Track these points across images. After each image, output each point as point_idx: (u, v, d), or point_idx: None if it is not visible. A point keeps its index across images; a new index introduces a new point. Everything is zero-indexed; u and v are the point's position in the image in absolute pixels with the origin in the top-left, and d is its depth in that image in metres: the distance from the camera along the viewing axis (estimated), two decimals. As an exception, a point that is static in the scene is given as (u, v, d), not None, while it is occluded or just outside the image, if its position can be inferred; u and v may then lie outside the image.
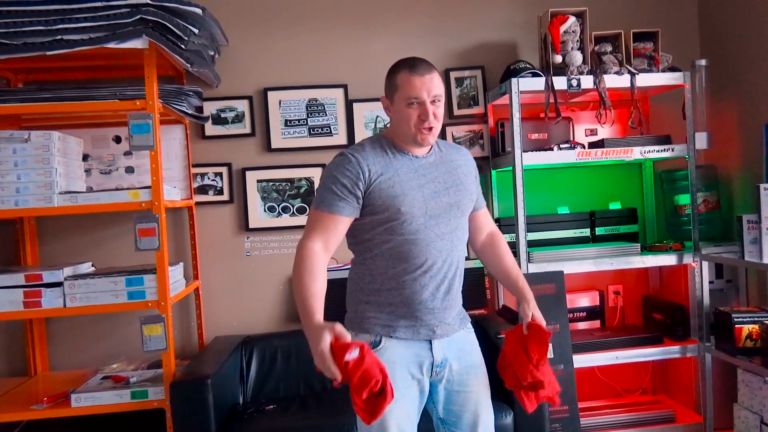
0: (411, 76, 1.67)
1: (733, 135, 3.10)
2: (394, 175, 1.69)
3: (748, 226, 2.63)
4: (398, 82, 1.69)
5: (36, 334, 2.97)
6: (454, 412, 1.78)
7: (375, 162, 1.69)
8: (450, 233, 1.73)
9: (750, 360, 2.59)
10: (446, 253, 1.72)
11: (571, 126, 3.22)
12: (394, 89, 1.71)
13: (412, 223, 1.68)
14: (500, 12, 3.27)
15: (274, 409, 2.69)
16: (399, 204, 1.67)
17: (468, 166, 1.85)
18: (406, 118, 1.68)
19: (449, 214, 1.74)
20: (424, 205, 1.70)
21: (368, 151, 1.72)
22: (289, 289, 3.17)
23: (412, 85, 1.66)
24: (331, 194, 1.66)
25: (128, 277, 2.49)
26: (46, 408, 2.50)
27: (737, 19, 3.06)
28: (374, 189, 1.67)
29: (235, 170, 3.16)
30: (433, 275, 1.71)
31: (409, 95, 1.67)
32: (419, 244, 1.69)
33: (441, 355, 1.74)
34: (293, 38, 3.18)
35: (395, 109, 1.72)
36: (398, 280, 1.71)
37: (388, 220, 1.68)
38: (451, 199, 1.74)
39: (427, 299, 1.71)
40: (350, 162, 1.68)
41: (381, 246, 1.71)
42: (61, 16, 2.33)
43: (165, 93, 2.66)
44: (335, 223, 1.67)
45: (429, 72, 1.68)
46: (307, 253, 1.62)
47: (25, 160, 2.44)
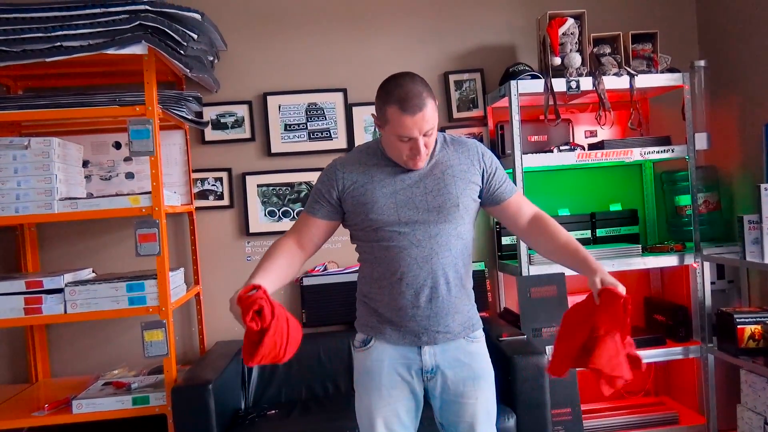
0: (402, 116, 1.58)
1: (733, 135, 3.10)
2: (367, 183, 1.70)
3: (749, 227, 2.62)
4: (388, 116, 1.61)
5: (37, 340, 2.97)
6: (450, 420, 1.76)
7: (353, 170, 1.72)
8: (428, 240, 1.67)
9: (753, 360, 2.59)
10: (423, 261, 1.67)
11: (571, 128, 3.22)
12: (384, 120, 1.64)
13: (384, 230, 1.68)
14: (499, 15, 3.28)
15: (275, 414, 2.68)
16: (368, 211, 1.68)
17: (466, 164, 1.73)
18: (397, 149, 1.66)
19: (426, 220, 1.68)
20: (396, 213, 1.67)
21: (352, 159, 1.75)
22: (290, 294, 3.16)
23: (402, 125, 1.59)
24: (311, 199, 1.77)
25: (129, 282, 2.49)
26: (48, 414, 2.49)
27: (736, 20, 3.07)
28: (348, 197, 1.71)
29: (235, 175, 3.16)
30: (409, 282, 1.68)
31: (399, 133, 1.61)
32: (392, 251, 1.69)
33: (431, 362, 1.72)
34: (292, 43, 3.19)
35: (385, 136, 1.67)
36: (379, 285, 1.73)
37: (362, 227, 1.72)
38: (429, 205, 1.68)
39: (407, 306, 1.69)
40: (328, 171, 1.76)
41: (364, 252, 1.77)
42: (61, 23, 2.33)
43: (164, 98, 2.67)
44: (308, 223, 1.75)
45: (420, 109, 1.58)
46: (276, 243, 1.73)
47: (25, 166, 2.44)
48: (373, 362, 1.72)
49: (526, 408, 2.49)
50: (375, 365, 1.71)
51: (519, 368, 2.48)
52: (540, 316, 2.82)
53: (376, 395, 1.71)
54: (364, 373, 1.75)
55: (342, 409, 2.67)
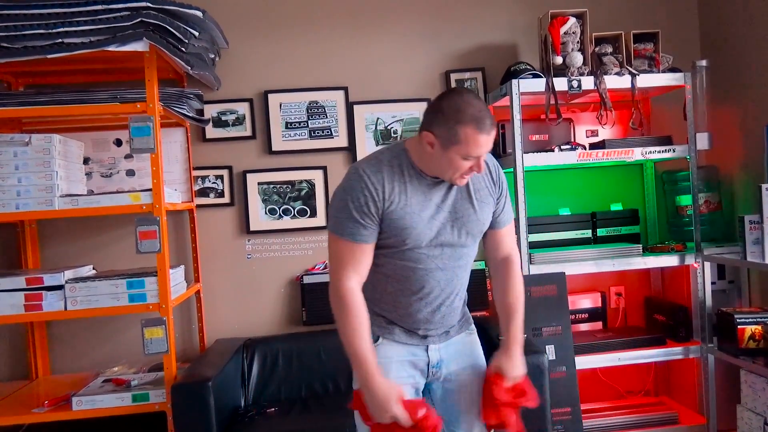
0: (478, 135, 1.53)
1: (734, 135, 3.09)
2: (406, 205, 1.61)
3: (750, 227, 2.62)
4: (462, 136, 1.53)
5: (37, 337, 2.97)
6: (450, 408, 1.78)
7: (390, 186, 1.60)
8: (453, 263, 1.69)
9: (753, 361, 2.59)
10: (445, 283, 1.70)
11: (572, 127, 3.22)
12: (452, 140, 1.54)
13: (414, 252, 1.65)
14: (500, 14, 3.27)
15: (275, 412, 2.69)
16: (406, 236, 1.62)
17: (489, 185, 1.73)
18: (455, 167, 1.58)
19: (456, 243, 1.68)
20: (430, 239, 1.64)
21: (385, 172, 1.61)
22: (290, 292, 3.16)
23: (477, 144, 1.54)
24: (354, 222, 1.59)
25: (129, 279, 2.48)
26: (48, 411, 2.49)
27: (738, 20, 3.06)
28: (386, 217, 1.60)
29: (235, 173, 3.16)
30: (429, 302, 1.70)
31: (469, 153, 1.55)
32: (418, 272, 1.67)
33: (437, 357, 1.76)
34: (294, 41, 3.19)
35: (443, 155, 1.57)
36: (395, 299, 1.71)
37: (392, 246, 1.65)
38: (460, 231, 1.67)
39: (421, 320, 1.72)
40: (368, 185, 1.59)
41: (383, 265, 1.69)
42: (62, 19, 2.33)
43: (165, 96, 2.67)
44: (363, 252, 1.61)
45: (493, 128, 1.55)
46: (346, 294, 1.59)
47: (26, 163, 2.44)
48: (381, 360, 1.68)
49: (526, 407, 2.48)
50: (383, 362, 1.68)
51: (519, 367, 2.47)
52: (540, 315, 2.82)
53: None
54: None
55: (341, 407, 2.66)
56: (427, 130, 1.58)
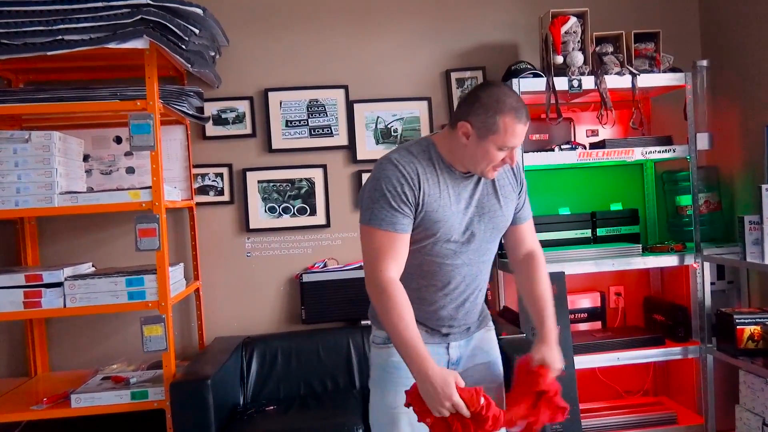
0: (516, 124, 1.54)
1: (734, 136, 3.09)
2: (439, 197, 1.60)
3: (749, 227, 2.62)
4: (500, 125, 1.54)
5: (36, 334, 2.97)
6: None
7: (424, 176, 1.59)
8: (478, 258, 1.69)
9: (752, 361, 2.59)
10: (470, 278, 1.70)
11: (572, 127, 3.22)
12: (490, 130, 1.55)
13: (443, 247, 1.64)
14: (501, 13, 3.27)
15: (274, 410, 2.69)
16: (437, 229, 1.61)
17: (511, 181, 1.74)
18: (490, 158, 1.58)
19: (483, 238, 1.68)
20: (460, 234, 1.64)
21: (417, 162, 1.60)
22: (289, 290, 3.16)
23: (515, 134, 1.55)
24: (392, 211, 1.56)
25: (128, 277, 2.48)
26: (46, 408, 2.49)
27: (739, 20, 3.06)
28: (422, 208, 1.59)
29: (235, 171, 3.16)
30: (454, 298, 1.70)
31: (506, 143, 1.55)
32: (445, 268, 1.66)
33: (457, 354, 1.76)
34: (294, 39, 3.18)
35: (479, 145, 1.57)
36: (419, 295, 1.69)
37: (421, 240, 1.63)
38: (487, 227, 1.68)
39: (444, 317, 1.71)
40: (404, 174, 1.57)
41: (410, 261, 1.64)
42: (62, 16, 2.33)
43: (166, 93, 2.66)
44: (403, 241, 1.58)
45: (528, 118, 1.58)
46: (390, 285, 1.54)
47: (26, 160, 2.44)
48: (400, 358, 1.64)
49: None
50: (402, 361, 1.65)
51: (518, 367, 2.48)
52: (539, 314, 2.81)
53: (402, 392, 1.64)
54: (388, 370, 1.70)
55: (341, 406, 2.67)
56: (465, 120, 1.57)
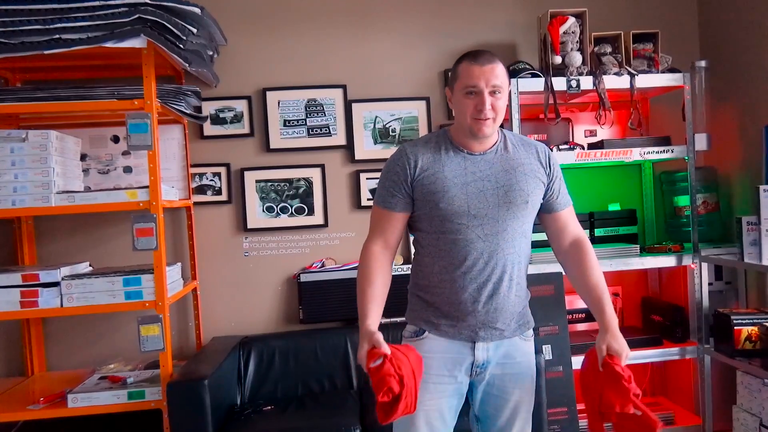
0: (471, 65, 1.67)
1: (732, 136, 3.10)
2: (438, 171, 1.68)
3: (747, 228, 2.62)
4: (459, 71, 1.69)
5: (33, 334, 2.96)
6: (488, 413, 1.75)
7: (423, 156, 1.70)
8: (495, 235, 1.67)
9: (749, 362, 2.59)
10: (488, 255, 1.67)
11: (571, 127, 3.22)
12: (454, 78, 1.71)
13: (453, 222, 1.66)
14: (500, 12, 3.27)
15: (271, 410, 2.68)
16: (438, 200, 1.66)
17: (534, 163, 1.76)
18: (463, 108, 1.68)
19: (496, 214, 1.67)
20: (466, 204, 1.66)
21: (421, 145, 1.74)
22: (287, 290, 3.16)
23: (470, 74, 1.66)
24: (384, 190, 1.72)
25: (126, 277, 2.48)
26: (43, 408, 2.49)
27: (737, 21, 3.06)
28: (418, 184, 1.69)
29: (233, 170, 3.15)
30: (473, 277, 1.67)
31: (466, 84, 1.66)
32: (459, 244, 1.67)
33: (483, 357, 1.71)
34: (292, 38, 3.18)
35: (455, 100, 1.72)
36: (439, 278, 1.70)
37: (430, 217, 1.69)
38: (500, 200, 1.68)
39: (467, 300, 1.68)
40: (399, 156, 1.72)
41: (427, 242, 1.72)
42: (59, 15, 2.32)
43: (163, 93, 2.66)
44: (390, 219, 1.71)
45: (490, 62, 1.67)
46: (366, 254, 1.70)
47: (23, 159, 2.44)
48: (424, 353, 1.65)
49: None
50: (426, 357, 1.65)
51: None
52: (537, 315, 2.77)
53: (422, 388, 1.63)
54: None
55: (338, 406, 2.67)
56: (446, 89, 1.77)
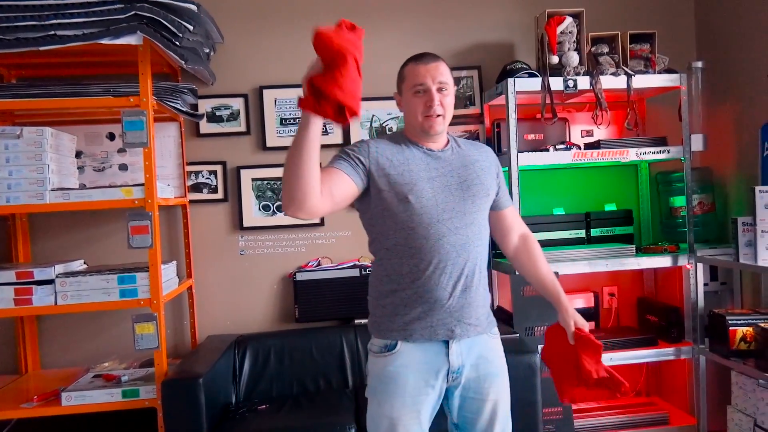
0: (416, 65, 1.72)
1: (728, 137, 3.10)
2: (404, 163, 1.70)
3: (743, 229, 2.63)
4: (405, 73, 1.75)
5: (27, 331, 2.95)
6: (468, 418, 1.75)
7: (386, 148, 1.72)
8: (465, 228, 1.69)
9: (744, 362, 2.59)
10: (460, 248, 1.67)
11: (567, 127, 3.22)
12: (401, 81, 1.76)
13: (423, 216, 1.66)
14: (497, 12, 3.27)
15: (266, 409, 2.67)
16: (407, 192, 1.66)
17: (488, 161, 1.83)
18: (413, 107, 1.72)
19: (463, 207, 1.70)
20: (434, 198, 1.68)
21: (382, 140, 1.77)
22: (282, 289, 3.15)
23: (416, 73, 1.71)
24: (338, 159, 1.68)
25: (120, 275, 2.47)
26: (37, 406, 2.48)
27: (734, 22, 3.06)
28: (382, 174, 1.67)
29: (229, 168, 3.14)
30: (449, 272, 1.67)
31: (414, 83, 1.71)
32: (431, 239, 1.66)
33: (458, 362, 1.70)
34: (289, 36, 3.17)
35: (404, 101, 1.76)
36: (410, 278, 1.67)
37: (397, 211, 1.66)
38: (465, 193, 1.72)
39: (443, 297, 1.66)
40: (358, 143, 1.74)
41: (393, 240, 1.68)
42: (55, 11, 2.31)
43: (159, 90, 2.65)
44: (338, 174, 1.63)
45: (434, 61, 1.73)
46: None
47: (17, 156, 2.42)
48: (397, 368, 1.65)
49: (517, 406, 2.46)
50: (400, 371, 1.65)
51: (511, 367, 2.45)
52: (533, 315, 2.82)
53: (399, 403, 1.64)
54: (386, 380, 1.67)
55: (333, 406, 2.67)
56: (394, 94, 1.82)
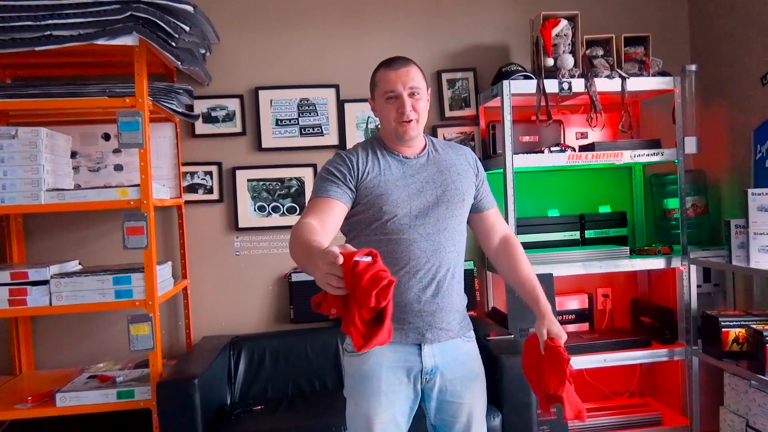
0: (387, 72, 1.72)
1: (721, 140, 3.12)
2: (379, 174, 1.70)
3: (735, 231, 2.65)
4: (376, 79, 1.75)
5: (21, 332, 2.94)
6: (445, 421, 1.76)
7: (364, 159, 1.72)
8: (437, 234, 1.71)
9: (736, 363, 2.61)
10: (431, 254, 1.69)
11: (562, 129, 3.23)
12: (373, 87, 1.76)
13: (396, 223, 1.68)
14: (493, 14, 3.28)
15: (261, 410, 2.68)
16: (382, 203, 1.68)
17: (464, 165, 1.81)
18: (386, 113, 1.72)
19: (436, 213, 1.71)
20: (408, 205, 1.69)
21: (359, 151, 1.75)
22: (278, 290, 3.15)
23: (387, 80, 1.71)
24: (325, 182, 1.68)
25: (115, 275, 2.47)
26: (31, 407, 2.47)
27: (727, 25, 3.09)
28: (362, 186, 1.69)
29: (225, 169, 3.14)
30: (419, 277, 1.69)
31: (385, 89, 1.71)
32: (402, 244, 1.68)
33: (431, 363, 1.71)
34: (285, 37, 3.17)
35: (378, 108, 1.76)
36: None
37: (372, 220, 1.69)
38: (439, 199, 1.72)
39: (412, 301, 1.68)
40: (342, 158, 1.72)
41: (365, 244, 1.67)
42: (51, 11, 2.30)
43: (155, 90, 2.65)
44: (330, 205, 1.64)
45: (405, 66, 1.71)
46: (299, 223, 1.55)
47: (12, 156, 2.42)
48: (371, 367, 1.66)
49: (512, 407, 2.50)
50: (374, 370, 1.66)
51: (506, 368, 2.49)
52: (528, 316, 2.80)
53: (375, 401, 1.66)
54: (360, 379, 1.69)
55: (328, 406, 2.67)
56: (368, 100, 1.81)
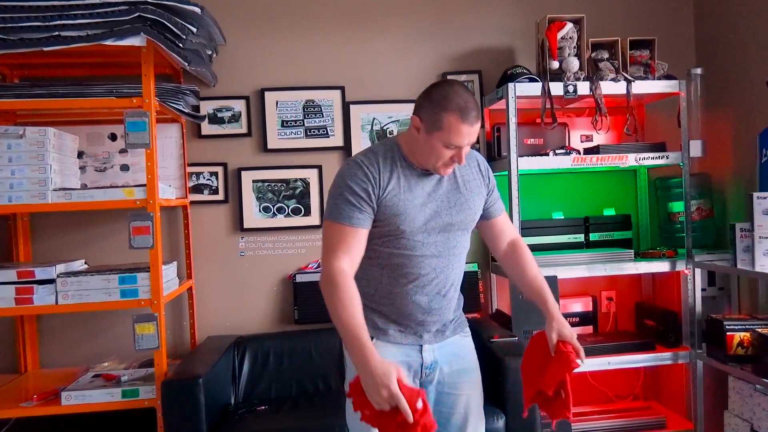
0: (461, 125, 1.58)
1: (727, 143, 3.12)
2: (399, 192, 1.65)
3: (740, 234, 2.64)
4: (444, 123, 1.58)
5: (27, 331, 2.95)
6: (443, 413, 1.78)
7: (385, 174, 1.65)
8: (448, 251, 1.72)
9: (741, 367, 2.60)
10: (440, 270, 1.71)
11: (567, 132, 3.23)
12: (435, 126, 1.59)
13: (410, 240, 1.68)
14: (498, 17, 3.29)
15: (265, 410, 2.68)
16: (399, 222, 1.65)
17: (476, 179, 1.78)
18: (438, 155, 1.62)
19: (449, 233, 1.71)
20: (424, 225, 1.68)
21: (380, 162, 1.66)
22: (282, 290, 3.16)
23: (459, 133, 1.58)
24: (350, 206, 1.60)
25: (121, 275, 2.48)
26: (36, 406, 2.48)
27: (732, 29, 3.08)
28: (381, 204, 1.64)
29: (230, 170, 3.15)
30: (427, 292, 1.71)
31: (451, 141, 1.59)
32: (413, 260, 1.69)
33: (431, 358, 1.75)
34: (291, 39, 3.19)
35: (427, 141, 1.62)
36: (388, 290, 1.71)
37: (387, 235, 1.67)
38: (453, 219, 1.71)
39: (416, 312, 1.72)
40: (365, 173, 1.63)
41: (377, 256, 1.70)
42: (59, 12, 2.32)
43: (162, 91, 2.66)
44: (357, 237, 1.60)
45: (477, 120, 1.60)
46: (337, 276, 1.54)
47: (20, 155, 2.43)
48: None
49: (515, 409, 2.50)
50: None
51: (509, 370, 2.49)
52: (531, 318, 2.83)
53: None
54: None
55: (332, 406, 2.67)
56: (416, 114, 1.65)
